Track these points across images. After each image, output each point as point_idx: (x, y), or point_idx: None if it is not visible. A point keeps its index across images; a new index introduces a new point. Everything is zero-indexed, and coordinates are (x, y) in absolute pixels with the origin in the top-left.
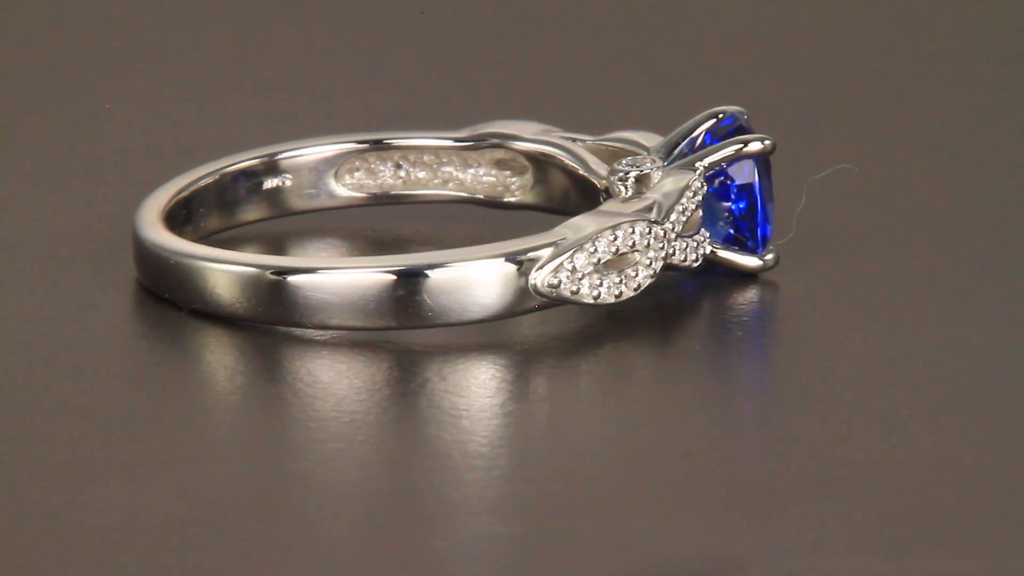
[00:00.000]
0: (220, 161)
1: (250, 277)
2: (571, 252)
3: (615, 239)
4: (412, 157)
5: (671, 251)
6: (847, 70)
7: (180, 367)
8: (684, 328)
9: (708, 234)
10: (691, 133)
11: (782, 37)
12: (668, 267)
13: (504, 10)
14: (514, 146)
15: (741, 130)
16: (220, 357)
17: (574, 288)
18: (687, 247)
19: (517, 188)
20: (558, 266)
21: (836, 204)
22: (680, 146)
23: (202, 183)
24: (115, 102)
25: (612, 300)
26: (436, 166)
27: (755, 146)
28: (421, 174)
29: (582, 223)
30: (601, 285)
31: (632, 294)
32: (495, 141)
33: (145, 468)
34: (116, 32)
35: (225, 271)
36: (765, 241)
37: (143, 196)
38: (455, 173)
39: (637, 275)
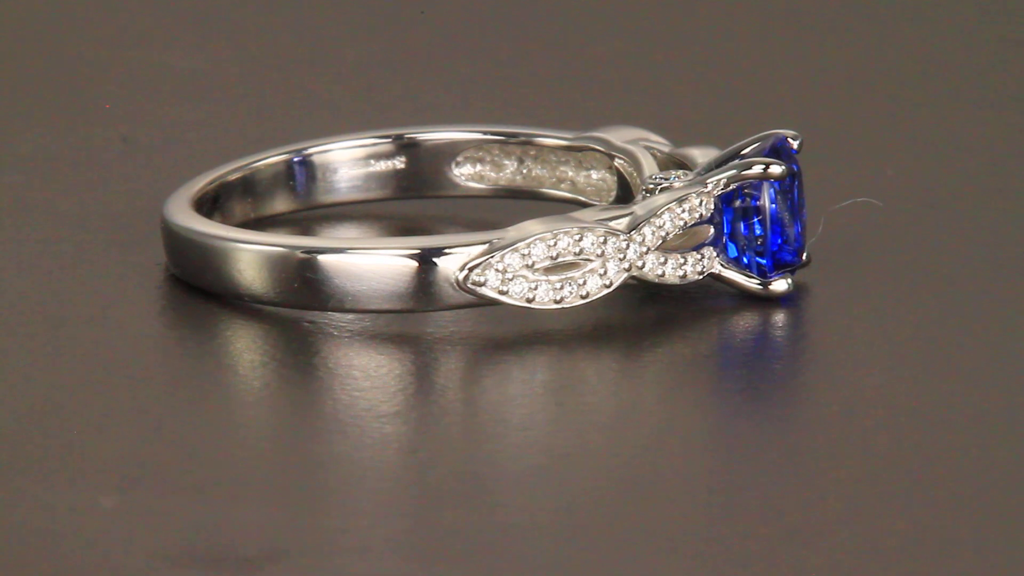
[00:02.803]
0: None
1: (278, 257)
2: (502, 252)
3: (554, 244)
4: (533, 153)
5: (641, 264)
6: (893, 97)
7: (206, 352)
8: (659, 341)
9: (714, 253)
10: (734, 156)
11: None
12: (642, 280)
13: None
14: (602, 149)
15: (773, 152)
16: (247, 342)
17: (503, 288)
18: (667, 262)
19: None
20: (486, 265)
21: (860, 232)
22: (720, 167)
23: (263, 167)
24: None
25: (552, 306)
26: (555, 165)
27: (772, 169)
28: (542, 171)
29: (531, 225)
30: (536, 289)
31: (580, 302)
32: (591, 145)
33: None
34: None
35: (253, 251)
36: (780, 265)
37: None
38: (570, 173)
39: (586, 283)
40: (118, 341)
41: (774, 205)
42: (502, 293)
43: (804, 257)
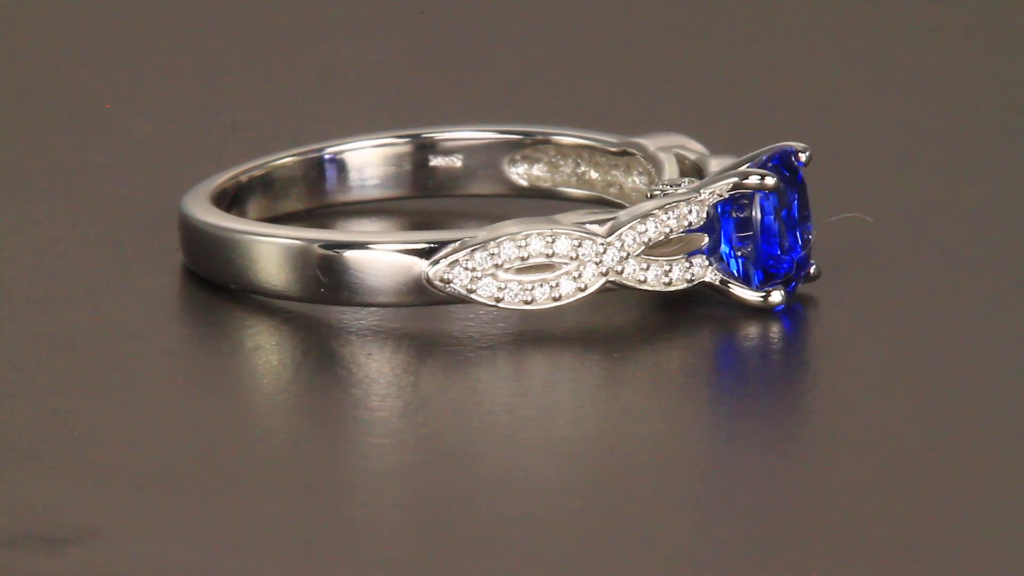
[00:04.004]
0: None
1: (298, 250)
2: (471, 250)
3: (525, 245)
4: (587, 156)
5: (620, 269)
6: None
7: (224, 351)
8: (640, 348)
9: (707, 261)
10: (740, 166)
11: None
12: (623, 286)
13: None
14: (638, 154)
15: (782, 167)
16: (266, 340)
17: (470, 287)
18: (649, 268)
19: None
20: (454, 262)
21: (855, 244)
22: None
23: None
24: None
25: (522, 307)
26: (607, 169)
27: (764, 181)
28: (595, 175)
29: (505, 225)
30: (505, 289)
31: (552, 305)
32: (630, 150)
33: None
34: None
35: (273, 244)
36: (771, 277)
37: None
38: (620, 178)
39: (559, 286)
40: (95, 319)
41: (770, 216)
42: (470, 291)
43: (812, 271)
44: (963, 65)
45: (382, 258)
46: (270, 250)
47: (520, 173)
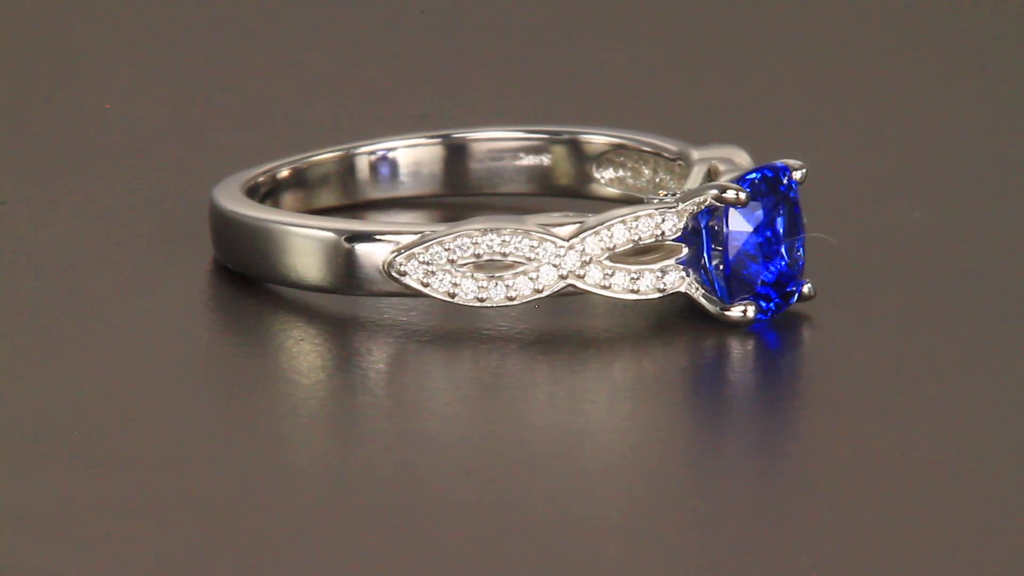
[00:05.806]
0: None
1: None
2: (428, 244)
3: (478, 243)
4: (662, 163)
5: (581, 273)
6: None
7: (255, 346)
8: (602, 356)
9: (683, 272)
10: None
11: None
12: (586, 291)
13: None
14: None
15: (764, 178)
16: (297, 337)
17: (425, 280)
18: (615, 275)
19: None
20: (411, 255)
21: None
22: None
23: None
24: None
25: (476, 303)
26: (679, 176)
27: (736, 196)
28: (670, 183)
29: (469, 222)
30: (459, 285)
31: (507, 303)
32: (680, 159)
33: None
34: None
35: (303, 236)
36: (747, 290)
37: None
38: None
39: (515, 285)
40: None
41: (752, 231)
42: (424, 285)
43: (806, 290)
44: (964, 79)
45: (357, 248)
46: (266, 236)
47: (606, 177)
